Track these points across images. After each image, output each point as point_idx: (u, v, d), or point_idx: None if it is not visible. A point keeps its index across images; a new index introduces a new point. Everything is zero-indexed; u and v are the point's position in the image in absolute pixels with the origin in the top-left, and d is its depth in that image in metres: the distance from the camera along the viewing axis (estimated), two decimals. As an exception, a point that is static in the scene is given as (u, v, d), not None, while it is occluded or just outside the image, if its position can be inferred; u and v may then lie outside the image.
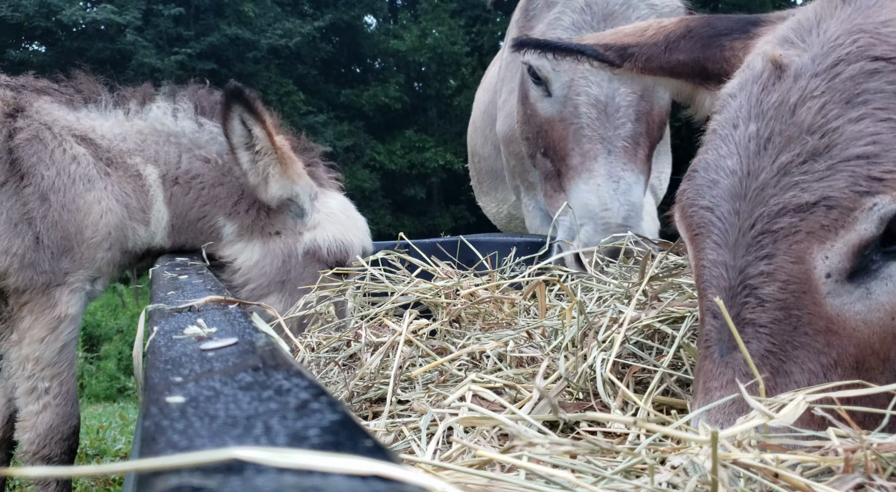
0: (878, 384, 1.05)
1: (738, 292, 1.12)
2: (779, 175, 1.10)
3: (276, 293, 2.88)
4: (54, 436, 2.67)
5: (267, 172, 2.80)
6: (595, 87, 2.28)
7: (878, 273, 1.06)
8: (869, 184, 1.03)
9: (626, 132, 2.26)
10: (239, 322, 1.16)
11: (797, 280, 1.07)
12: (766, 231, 1.10)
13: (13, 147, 2.59)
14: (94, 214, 2.65)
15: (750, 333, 1.09)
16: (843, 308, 1.07)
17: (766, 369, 1.07)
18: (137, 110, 2.88)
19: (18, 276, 2.56)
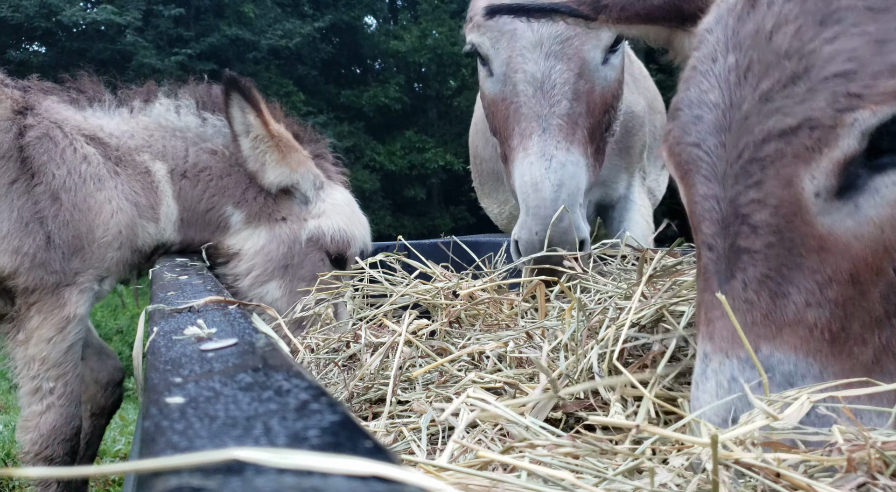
0: (872, 296, 1.07)
1: (731, 222, 1.14)
2: (761, 103, 1.12)
3: (278, 279, 2.92)
4: (57, 437, 2.66)
5: (264, 159, 2.86)
6: (531, 64, 2.24)
7: (864, 188, 1.08)
8: (848, 101, 1.04)
9: (562, 110, 2.20)
10: (239, 323, 1.16)
11: (787, 203, 1.10)
12: (753, 159, 1.12)
13: (24, 145, 2.59)
14: (104, 214, 2.66)
15: (745, 260, 1.12)
16: (833, 226, 1.09)
17: (765, 293, 1.10)
18: (141, 108, 2.92)
19: (29, 275, 2.55)
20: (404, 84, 27.39)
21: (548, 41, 2.23)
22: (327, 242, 2.94)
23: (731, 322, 1.10)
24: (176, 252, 2.96)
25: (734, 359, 1.10)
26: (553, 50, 2.23)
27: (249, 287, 2.92)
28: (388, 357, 1.75)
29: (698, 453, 0.94)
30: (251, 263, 2.92)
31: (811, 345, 1.06)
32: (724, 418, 1.08)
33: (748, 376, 1.08)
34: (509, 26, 2.27)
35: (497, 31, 2.31)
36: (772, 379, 1.07)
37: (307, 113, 22.99)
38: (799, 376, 1.07)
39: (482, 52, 2.38)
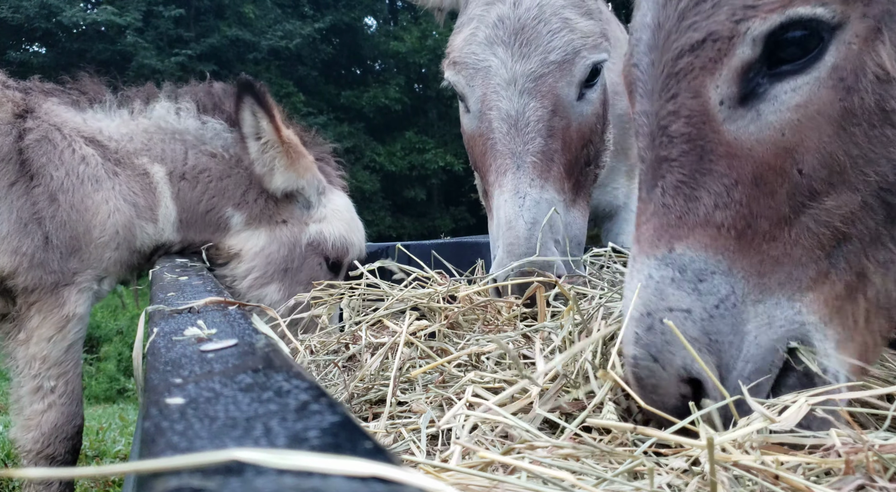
0: (779, 196, 1.15)
1: (657, 135, 1.24)
2: (678, 21, 1.21)
3: (277, 282, 2.94)
4: (59, 435, 2.69)
5: (273, 164, 2.89)
6: (505, 101, 2.25)
7: (765, 95, 1.16)
8: (743, 11, 1.14)
9: (536, 147, 2.20)
10: (239, 324, 1.16)
11: (697, 113, 1.19)
12: (671, 74, 1.22)
13: (23, 148, 2.63)
14: (102, 214, 2.69)
15: (665, 167, 1.22)
16: (738, 132, 1.18)
17: (680, 197, 1.19)
18: (142, 109, 2.94)
19: (28, 275, 2.58)
20: (404, 85, 27.39)
21: (521, 79, 2.25)
22: (328, 247, 2.96)
23: (651, 226, 1.21)
24: (177, 252, 2.98)
25: (652, 258, 1.20)
26: (527, 87, 2.24)
27: (249, 289, 2.93)
28: (388, 358, 1.75)
29: (697, 455, 0.94)
30: (251, 264, 2.93)
31: (719, 243, 1.16)
32: (642, 313, 1.17)
33: (662, 274, 1.18)
34: (483, 64, 2.30)
35: (472, 68, 2.33)
36: (684, 276, 1.16)
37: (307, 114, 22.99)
38: (709, 273, 1.16)
39: (458, 89, 2.40)
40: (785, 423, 0.95)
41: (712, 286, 1.14)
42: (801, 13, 1.10)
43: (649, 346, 1.14)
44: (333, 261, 2.96)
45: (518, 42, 2.25)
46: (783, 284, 1.15)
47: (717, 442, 0.94)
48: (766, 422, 0.96)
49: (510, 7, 2.28)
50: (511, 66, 2.25)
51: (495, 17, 2.29)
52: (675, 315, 1.14)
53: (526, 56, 2.24)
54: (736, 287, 1.14)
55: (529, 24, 2.26)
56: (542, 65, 2.24)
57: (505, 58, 2.26)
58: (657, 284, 1.17)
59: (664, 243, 1.19)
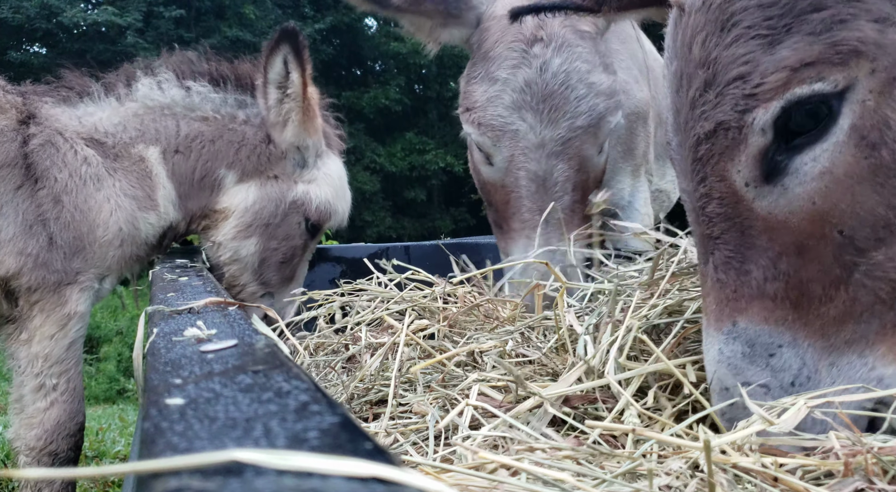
0: (826, 259, 1.16)
1: (698, 213, 1.27)
2: (690, 109, 1.23)
3: (257, 235, 2.98)
4: (61, 432, 2.73)
5: (289, 117, 2.93)
6: (534, 163, 2.36)
7: (787, 170, 1.17)
8: (746, 102, 1.15)
9: (563, 204, 2.36)
10: (238, 324, 1.16)
11: (727, 195, 1.22)
12: (695, 159, 1.25)
13: (28, 152, 2.69)
14: (104, 213, 2.74)
15: (711, 245, 1.25)
16: (770, 207, 1.19)
17: (731, 272, 1.22)
18: (126, 93, 2.97)
19: (31, 275, 2.63)
20: (405, 86, 27.38)
21: (550, 143, 2.35)
22: (311, 209, 2.99)
23: (713, 300, 1.24)
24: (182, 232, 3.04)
25: (719, 333, 1.22)
26: (555, 150, 2.35)
27: (230, 239, 2.98)
28: (388, 358, 1.75)
29: (696, 457, 0.94)
30: (240, 219, 2.98)
31: (778, 314, 1.17)
32: (721, 387, 1.19)
33: (732, 349, 1.19)
34: (511, 127, 2.37)
35: (499, 130, 2.39)
36: (754, 350, 1.18)
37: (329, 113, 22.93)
38: (776, 346, 1.17)
39: (483, 148, 2.47)
40: (784, 425, 0.95)
41: (783, 362, 1.16)
42: (800, 94, 1.11)
43: (732, 419, 1.15)
44: (313, 223, 2.99)
45: (546, 108, 2.34)
46: (850, 342, 1.15)
47: (716, 444, 0.94)
48: (765, 424, 0.96)
49: (536, 72, 2.35)
50: (540, 131, 2.35)
51: (522, 82, 2.36)
52: (753, 390, 1.15)
53: (554, 122, 2.34)
54: (806, 358, 1.15)
55: (557, 90, 2.35)
56: (569, 130, 2.35)
57: (534, 123, 2.35)
58: (729, 360, 1.19)
59: (727, 317, 1.21)
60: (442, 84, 27.97)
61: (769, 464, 0.90)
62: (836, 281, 1.14)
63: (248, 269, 2.98)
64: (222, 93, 3.00)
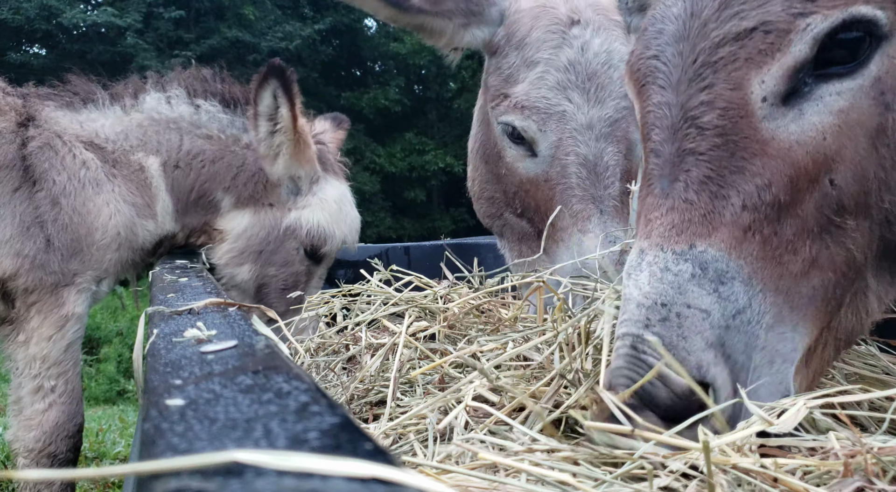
0: (807, 206, 1.10)
1: (680, 127, 1.17)
2: (720, 10, 1.15)
3: (250, 263, 3.00)
4: (60, 433, 2.73)
5: (280, 150, 2.94)
6: (584, 146, 2.26)
7: (810, 95, 1.11)
8: (803, 4, 1.08)
9: (615, 191, 2.25)
10: (239, 325, 1.16)
11: (735, 106, 1.12)
12: (707, 63, 1.15)
13: (26, 155, 2.71)
14: (103, 217, 2.75)
15: (690, 161, 1.15)
16: (777, 130, 1.12)
17: (705, 194, 1.13)
18: (133, 104, 2.99)
19: (28, 276, 2.65)
20: (404, 86, 27.40)
21: (598, 123, 2.26)
22: (302, 235, 3.00)
23: (668, 221, 1.14)
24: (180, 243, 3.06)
25: (669, 252, 1.12)
26: (604, 132, 2.26)
27: (225, 265, 3.01)
28: (389, 359, 1.75)
29: (696, 458, 0.94)
30: (234, 244, 3.00)
31: (744, 246, 1.10)
32: (656, 301, 1.09)
33: (680, 268, 1.10)
34: (558, 108, 2.28)
35: (545, 112, 2.30)
36: (705, 273, 1.09)
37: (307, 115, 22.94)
38: (729, 277, 1.09)
39: (527, 135, 2.34)
40: (783, 425, 0.95)
41: (732, 292, 1.08)
42: (864, 13, 1.06)
43: (662, 336, 1.07)
44: (309, 249, 2.99)
45: (592, 87, 2.27)
46: (794, 308, 1.10)
47: (716, 445, 0.94)
48: (765, 425, 0.96)
49: (578, 52, 2.30)
50: (587, 110, 2.27)
51: (565, 62, 2.29)
52: (692, 312, 1.07)
53: (601, 101, 2.27)
54: (753, 301, 1.09)
55: (600, 69, 2.29)
56: (616, 110, 2.27)
57: (581, 102, 2.27)
58: (675, 278, 1.09)
59: (684, 239, 1.11)
60: (441, 85, 27.98)
61: (769, 464, 0.90)
62: (807, 233, 1.10)
63: (247, 294, 3.00)
64: (230, 115, 3.03)
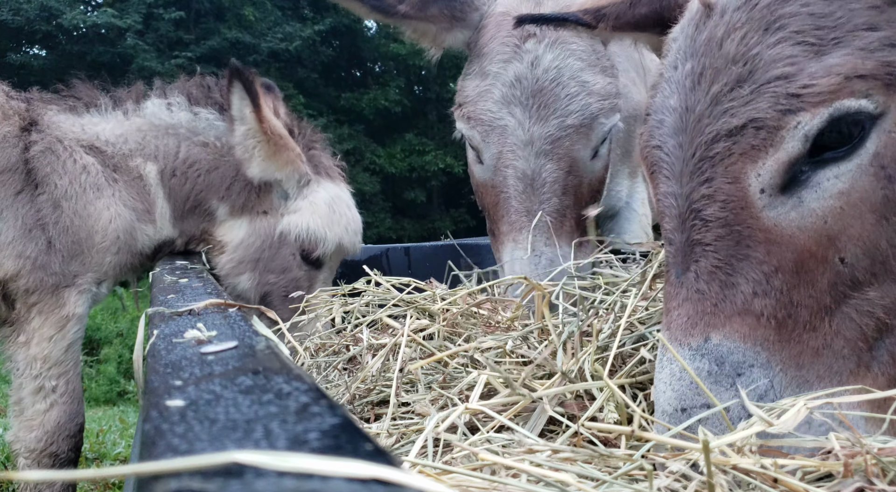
0: (820, 285, 1.11)
1: (687, 217, 1.20)
2: (711, 105, 1.17)
3: (249, 272, 3.00)
4: (61, 433, 2.76)
5: (252, 153, 2.92)
6: (522, 161, 2.28)
7: (807, 182, 1.13)
8: (789, 102, 1.10)
9: (552, 206, 2.27)
10: (239, 326, 1.16)
11: (734, 198, 1.15)
12: (705, 157, 1.18)
13: (29, 158, 2.74)
14: (103, 220, 2.78)
15: (698, 252, 1.18)
16: (778, 219, 1.14)
17: (715, 283, 1.15)
18: (134, 109, 3.01)
19: (30, 277, 2.68)
20: (404, 87, 27.40)
21: (538, 141, 2.27)
22: (291, 240, 2.98)
23: (684, 312, 1.16)
24: (180, 249, 3.06)
25: (686, 348, 1.14)
26: (544, 149, 2.27)
27: (226, 276, 3.01)
28: (389, 359, 1.75)
29: (696, 458, 0.94)
30: (231, 256, 3.00)
31: (759, 333, 1.11)
32: (676, 408, 1.11)
33: (697, 366, 1.11)
34: (500, 122, 2.30)
35: (487, 125, 2.33)
36: (721, 369, 1.10)
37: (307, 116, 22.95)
38: (747, 366, 1.10)
39: (472, 143, 2.41)
40: (783, 426, 0.95)
41: (751, 381, 1.09)
42: (848, 106, 1.07)
43: None
44: (303, 253, 2.98)
45: (536, 104, 2.27)
46: (822, 377, 1.10)
47: (716, 445, 0.94)
48: (765, 425, 0.96)
49: (527, 67, 2.29)
50: (528, 127, 2.27)
51: (512, 77, 2.30)
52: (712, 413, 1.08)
53: (544, 119, 2.27)
54: (775, 381, 1.09)
55: (547, 86, 2.28)
56: (559, 129, 2.27)
57: (522, 119, 2.28)
58: (691, 378, 1.10)
59: (699, 332, 1.13)
60: (441, 85, 27.97)
61: (769, 465, 0.90)
62: (824, 310, 1.11)
63: (251, 303, 2.96)
64: (227, 122, 3.02)
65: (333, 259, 3.10)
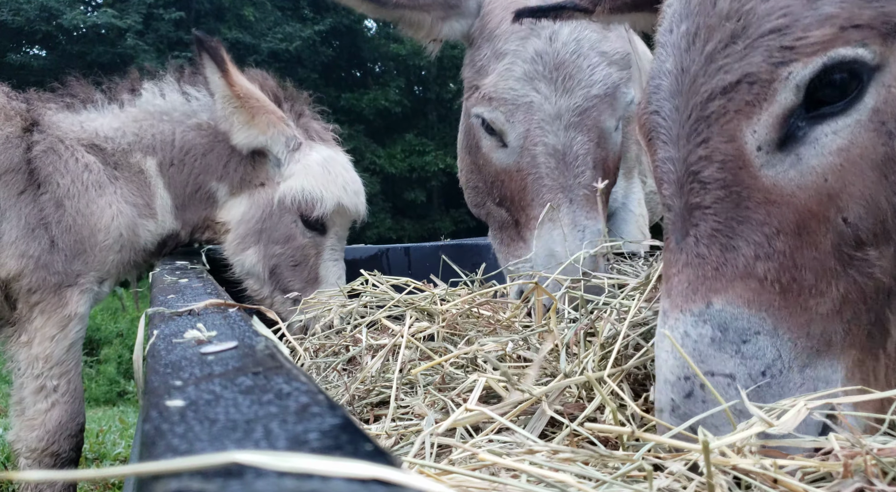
0: (823, 247, 1.08)
1: (685, 181, 1.17)
2: (706, 64, 1.15)
3: (253, 245, 2.96)
4: (63, 433, 2.76)
5: (232, 120, 2.88)
6: (552, 136, 2.26)
7: (804, 138, 1.10)
8: (782, 54, 1.07)
9: (586, 180, 2.25)
10: (239, 326, 1.16)
11: (732, 158, 1.12)
12: (700, 118, 1.15)
13: (31, 158, 2.75)
14: (106, 218, 2.79)
15: (698, 215, 1.14)
16: (777, 177, 1.11)
17: (716, 246, 1.11)
18: (130, 99, 3.01)
19: (32, 276, 2.68)
20: (404, 87, 27.41)
21: (566, 113, 2.25)
22: (287, 204, 2.93)
23: (685, 278, 1.12)
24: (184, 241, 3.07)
25: (687, 314, 1.11)
26: (573, 122, 2.26)
27: (232, 254, 2.99)
28: (389, 360, 1.75)
29: (696, 459, 0.95)
30: (236, 231, 2.98)
31: (763, 298, 1.07)
32: (679, 376, 1.08)
33: (700, 332, 1.08)
34: (524, 99, 2.28)
35: (512, 104, 2.30)
36: (725, 335, 1.07)
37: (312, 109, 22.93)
38: (752, 333, 1.07)
39: (496, 126, 2.36)
40: (783, 427, 0.95)
41: (757, 349, 1.05)
42: (844, 54, 1.05)
43: (688, 416, 1.05)
44: (303, 217, 2.94)
45: (560, 77, 2.26)
46: (830, 345, 1.08)
47: (716, 446, 0.94)
48: (765, 426, 0.96)
49: (546, 42, 2.28)
50: (555, 101, 2.26)
51: (532, 53, 2.29)
52: (716, 380, 1.05)
53: (569, 91, 2.26)
54: (783, 351, 1.06)
55: (569, 58, 2.27)
56: (585, 99, 2.26)
57: (548, 93, 2.26)
58: (695, 344, 1.07)
59: (700, 297, 1.09)
60: (441, 86, 27.98)
61: (769, 466, 0.90)
62: (830, 274, 1.08)
63: (261, 279, 2.96)
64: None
65: (337, 222, 3.04)
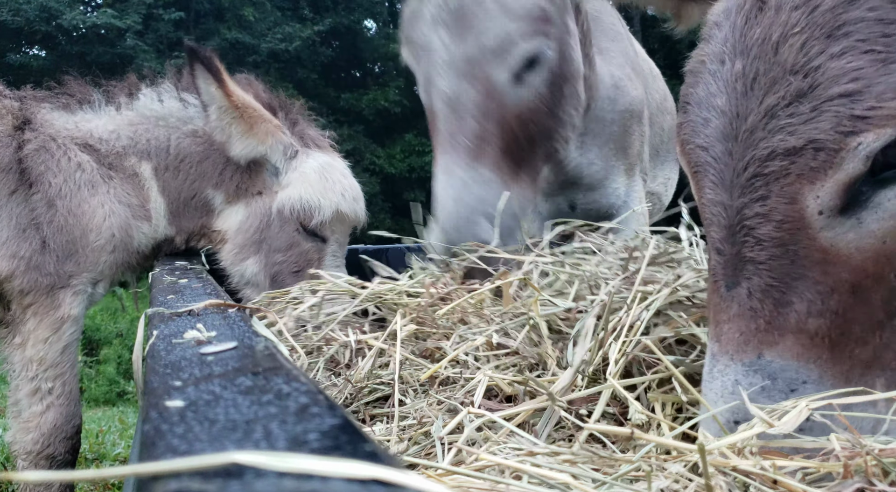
0: (874, 302, 1.10)
1: (737, 231, 1.16)
2: (766, 118, 1.12)
3: (253, 255, 2.93)
4: (58, 435, 2.74)
5: (230, 131, 2.85)
6: (444, 81, 2.26)
7: (867, 203, 1.09)
8: (853, 123, 1.04)
9: (468, 129, 2.23)
10: (238, 326, 1.16)
11: (791, 219, 1.12)
12: (759, 174, 1.13)
13: (23, 157, 2.71)
14: (98, 218, 2.74)
15: (751, 269, 1.14)
16: (836, 239, 1.10)
17: (769, 302, 1.12)
18: (127, 102, 2.97)
19: (24, 278, 2.65)
20: (404, 87, 27.37)
21: (458, 61, 2.25)
22: (286, 213, 2.90)
23: (736, 327, 1.14)
24: (179, 247, 3.02)
25: (738, 363, 1.13)
26: (462, 70, 2.25)
27: (231, 264, 2.96)
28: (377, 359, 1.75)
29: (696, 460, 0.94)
30: (233, 241, 2.95)
31: (812, 352, 1.09)
32: (728, 419, 1.11)
33: (751, 381, 1.11)
34: (428, 43, 2.28)
35: (418, 46, 2.32)
36: (775, 384, 1.10)
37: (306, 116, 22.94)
38: (800, 382, 1.09)
39: (410, 67, 2.41)
40: (783, 427, 0.95)
41: (804, 396, 1.08)
42: None
43: None
44: (302, 225, 2.93)
45: (457, 24, 2.24)
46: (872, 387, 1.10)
47: (716, 447, 0.94)
48: (765, 426, 0.96)
49: None
50: (450, 47, 2.25)
51: None
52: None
53: (463, 38, 2.24)
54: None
55: (468, 5, 2.25)
56: (478, 48, 2.23)
57: (445, 39, 2.25)
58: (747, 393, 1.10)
59: (752, 349, 1.12)
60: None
61: (768, 466, 0.90)
62: (876, 324, 1.10)
63: (261, 288, 2.91)
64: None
65: (336, 229, 3.02)
